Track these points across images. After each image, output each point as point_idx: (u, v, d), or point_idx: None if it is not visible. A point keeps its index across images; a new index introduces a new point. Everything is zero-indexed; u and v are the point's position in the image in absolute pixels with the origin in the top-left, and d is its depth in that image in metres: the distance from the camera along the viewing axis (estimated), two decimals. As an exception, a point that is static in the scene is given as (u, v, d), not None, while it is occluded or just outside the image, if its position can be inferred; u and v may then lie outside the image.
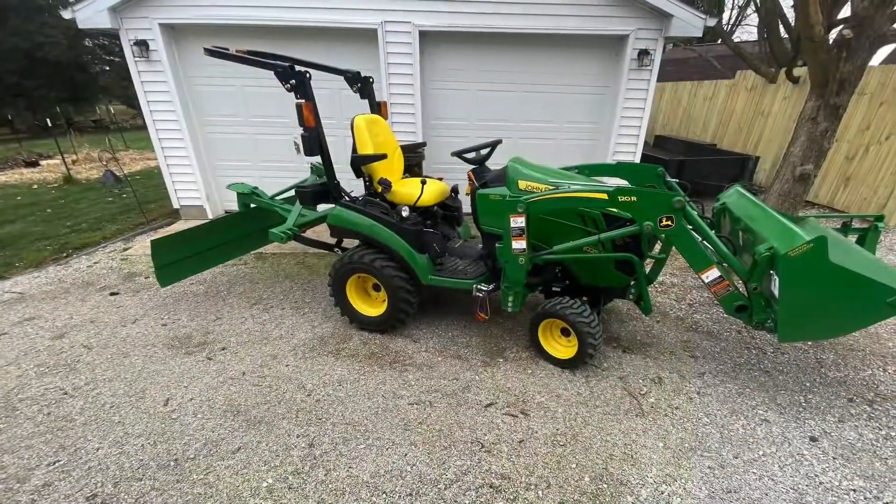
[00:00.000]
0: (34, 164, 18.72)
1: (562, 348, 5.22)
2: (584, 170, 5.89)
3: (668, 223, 4.17)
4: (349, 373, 5.16)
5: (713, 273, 4.27)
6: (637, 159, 9.93)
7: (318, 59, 6.24)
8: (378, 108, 6.45)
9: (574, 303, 4.91)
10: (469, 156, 5.52)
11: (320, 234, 6.88)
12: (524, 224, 4.60)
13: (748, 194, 5.09)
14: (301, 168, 9.18)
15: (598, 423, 4.39)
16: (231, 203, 9.20)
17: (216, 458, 4.01)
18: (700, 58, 19.83)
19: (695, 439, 4.18)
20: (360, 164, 5.57)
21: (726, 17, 22.17)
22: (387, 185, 5.48)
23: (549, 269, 5.38)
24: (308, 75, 5.18)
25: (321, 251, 6.94)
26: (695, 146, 14.22)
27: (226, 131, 10.08)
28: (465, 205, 5.88)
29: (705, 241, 4.31)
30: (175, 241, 6.39)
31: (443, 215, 6.42)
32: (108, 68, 44.70)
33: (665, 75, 17.95)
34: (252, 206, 6.82)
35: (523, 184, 4.90)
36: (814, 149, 8.18)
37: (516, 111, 10.00)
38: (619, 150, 9.88)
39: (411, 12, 8.74)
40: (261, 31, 9.03)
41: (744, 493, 3.64)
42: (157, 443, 4.19)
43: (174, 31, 9.11)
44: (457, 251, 6.06)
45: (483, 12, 8.71)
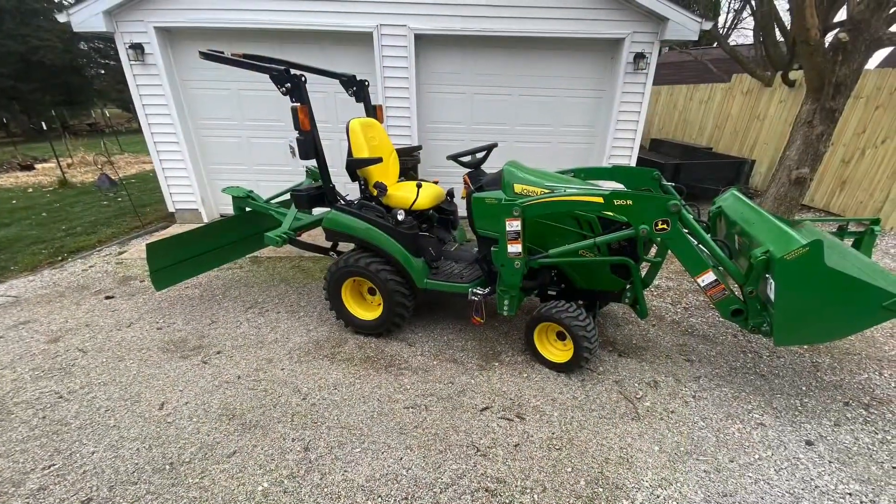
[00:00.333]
0: (29, 167, 18.70)
1: (557, 352, 5.21)
2: (580, 173, 5.88)
3: (664, 227, 4.16)
4: (344, 377, 5.15)
5: (709, 277, 4.26)
6: (633, 163, 9.95)
7: (313, 63, 6.23)
8: (373, 111, 6.44)
9: (570, 306, 4.90)
10: (465, 159, 5.50)
11: (316, 237, 6.86)
12: (520, 228, 4.58)
13: (744, 198, 5.08)
14: (296, 171, 9.27)
15: (594, 426, 4.38)
16: (226, 207, 9.20)
17: (211, 462, 4.00)
18: (696, 61, 19.90)
19: (690, 443, 4.17)
20: (355, 168, 5.55)
21: (722, 20, 22.31)
22: (382, 188, 5.48)
23: (544, 272, 5.36)
24: (303, 79, 5.16)
25: (316, 255, 6.93)
26: (691, 150, 14.26)
27: (221, 135, 10.07)
28: (461, 208, 5.89)
29: (701, 245, 4.31)
30: (170, 244, 6.37)
31: (438, 219, 6.41)
32: (103, 72, 44.71)
33: (661, 79, 17.99)
34: (247, 209, 6.82)
35: (519, 187, 4.88)
36: (810, 152, 8.21)
37: (512, 114, 10.01)
38: (615, 153, 9.89)
39: (407, 16, 8.75)
40: (256, 34, 9.03)
41: (740, 497, 3.63)
42: (152, 447, 4.17)
43: (170, 35, 9.10)
44: (452, 255, 6.04)
45: (478, 16, 8.73)
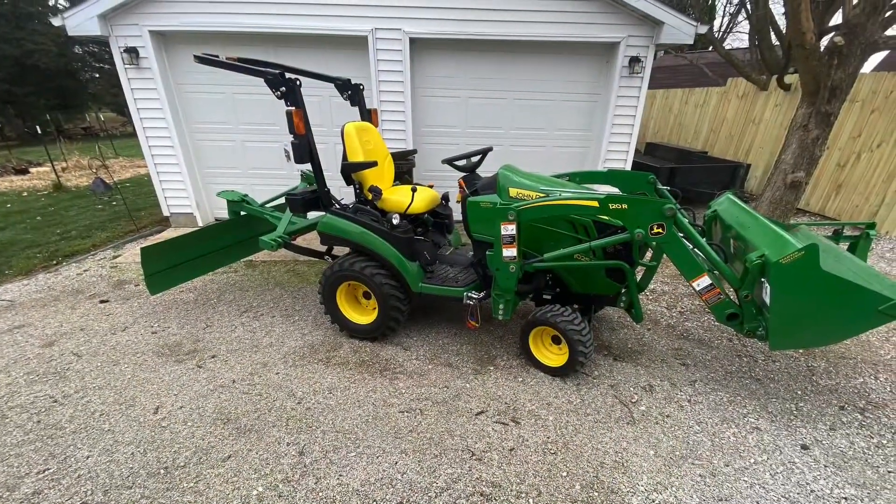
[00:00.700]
0: (24, 171, 18.64)
1: (553, 356, 5.21)
2: (575, 177, 5.87)
3: (660, 231, 4.15)
4: (339, 381, 5.14)
5: (704, 281, 4.26)
6: (628, 167, 9.95)
7: (308, 67, 6.25)
8: (368, 115, 6.44)
9: (565, 311, 4.89)
10: (460, 163, 5.51)
11: (311, 241, 6.87)
12: (515, 231, 4.59)
13: (739, 202, 5.08)
14: (291, 175, 9.23)
15: (589, 431, 4.37)
16: (221, 211, 9.23)
17: (206, 467, 3.99)
18: (691, 65, 19.92)
19: (686, 447, 4.17)
20: (350, 172, 5.55)
21: (717, 24, 22.39)
22: (377, 192, 5.47)
23: (539, 276, 5.36)
24: (298, 82, 5.15)
25: (311, 259, 6.95)
26: (686, 153, 14.26)
27: (216, 139, 10.07)
28: (456, 212, 5.87)
29: (696, 249, 4.31)
30: (165, 248, 6.34)
31: (433, 223, 6.42)
32: (97, 75, 44.64)
33: (656, 82, 18.04)
34: (242, 213, 6.82)
35: (514, 191, 4.86)
36: (805, 156, 8.22)
37: (507, 118, 10.02)
38: (611, 157, 9.90)
39: (402, 19, 8.75)
40: (251, 38, 9.04)
41: (735, 501, 3.63)
42: (147, 451, 4.16)
43: (164, 39, 9.09)
44: (447, 259, 6.04)
45: (473, 19, 8.74)
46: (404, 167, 7.97)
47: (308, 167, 5.61)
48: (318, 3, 8.59)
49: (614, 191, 5.61)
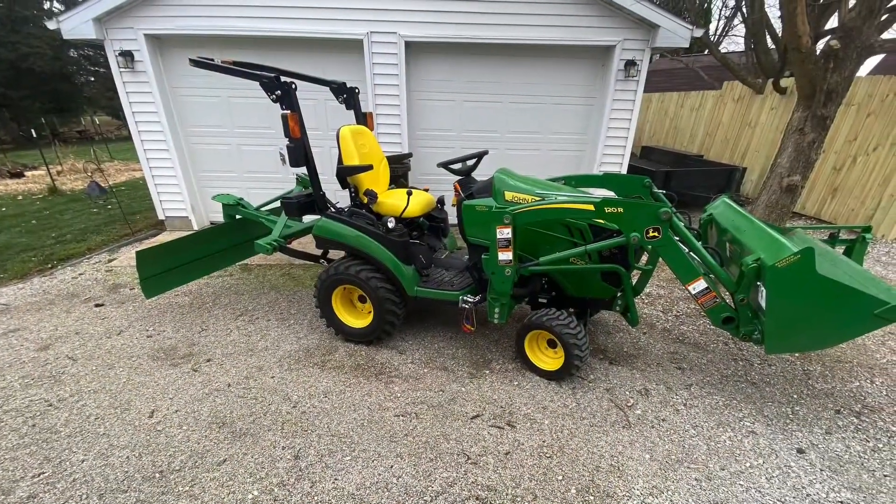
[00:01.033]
0: (19, 174, 18.57)
1: (548, 360, 5.20)
2: (571, 181, 5.88)
3: (655, 234, 4.15)
4: (335, 384, 5.13)
5: (700, 284, 4.25)
6: (624, 170, 9.95)
7: (303, 70, 6.24)
8: (364, 118, 6.44)
9: (560, 314, 4.89)
10: (455, 167, 5.50)
11: (306, 245, 6.86)
12: (510, 235, 4.57)
13: (735, 205, 5.09)
14: (286, 179, 9.25)
15: (585, 434, 4.37)
16: (216, 214, 9.18)
17: (201, 470, 3.98)
18: (687, 68, 19.90)
19: (681, 451, 4.17)
20: (345, 175, 5.56)
21: (713, 27, 22.27)
22: (373, 196, 5.47)
23: (535, 280, 5.36)
24: (293, 86, 5.16)
25: (307, 262, 6.92)
26: (682, 157, 14.26)
27: (211, 142, 10.05)
28: (452, 216, 5.87)
29: (692, 253, 4.30)
30: (160, 252, 6.34)
31: (429, 226, 6.41)
32: (93, 79, 44.53)
33: (652, 86, 17.97)
34: (237, 217, 6.80)
35: (510, 195, 4.87)
36: (801, 160, 8.21)
37: (503, 122, 10.02)
38: (606, 160, 9.90)
39: (397, 23, 8.75)
40: (246, 41, 9.02)
41: (731, 505, 3.63)
42: (142, 455, 4.15)
43: (159, 42, 9.08)
44: (443, 262, 6.04)
45: (469, 23, 8.74)
46: (400, 171, 7.97)
47: (303, 171, 5.60)
48: (313, 7, 8.58)
49: (610, 194, 5.61)
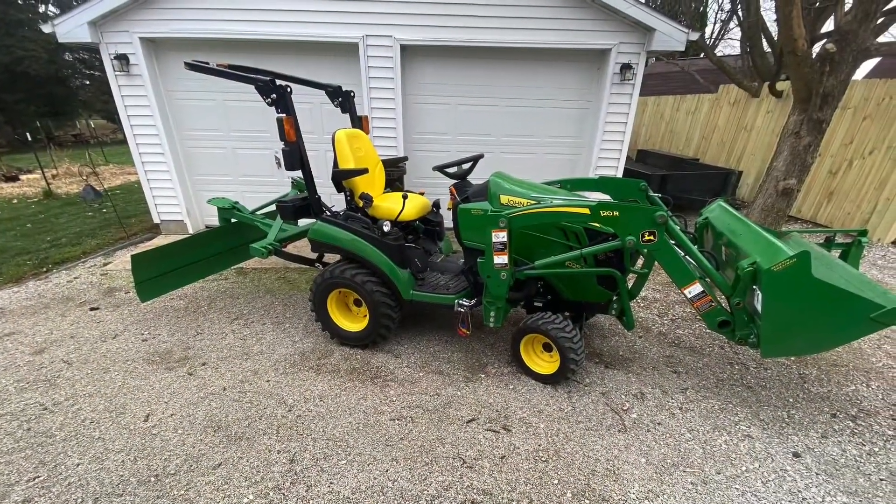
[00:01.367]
0: (14, 178, 18.55)
1: (544, 364, 5.19)
2: (567, 184, 5.87)
3: (651, 238, 4.14)
4: (330, 388, 5.12)
5: (696, 288, 4.25)
6: (619, 174, 9.97)
7: (299, 73, 6.23)
8: (359, 122, 6.43)
9: (556, 318, 4.89)
10: (451, 170, 5.50)
11: (301, 249, 6.85)
12: (506, 239, 4.57)
13: (731, 209, 5.09)
14: (282, 183, 9.24)
15: (580, 438, 4.36)
16: (212, 218, 9.17)
17: (197, 474, 3.97)
18: (683, 72, 19.97)
19: (677, 455, 4.16)
20: (341, 179, 5.54)
21: (709, 31, 22.43)
22: (368, 199, 5.46)
23: (531, 284, 5.34)
24: (289, 89, 5.15)
25: (302, 266, 6.92)
26: (677, 161, 14.30)
27: (206, 146, 10.05)
28: (447, 219, 5.89)
29: (688, 256, 4.30)
30: (155, 255, 6.33)
31: (424, 230, 6.41)
32: (88, 82, 44.67)
33: (648, 89, 18.05)
34: (233, 220, 6.81)
35: (505, 198, 4.87)
36: (797, 163, 8.24)
37: (498, 125, 10.03)
38: (602, 164, 9.91)
39: (392, 26, 8.77)
40: (242, 45, 9.03)
41: (727, 509, 3.63)
42: (137, 458, 4.14)
43: (155, 45, 9.09)
44: (438, 266, 6.03)
45: (465, 26, 8.75)
46: (395, 174, 7.98)
47: (299, 174, 5.61)
48: (308, 10, 8.60)
49: (605, 198, 5.60)
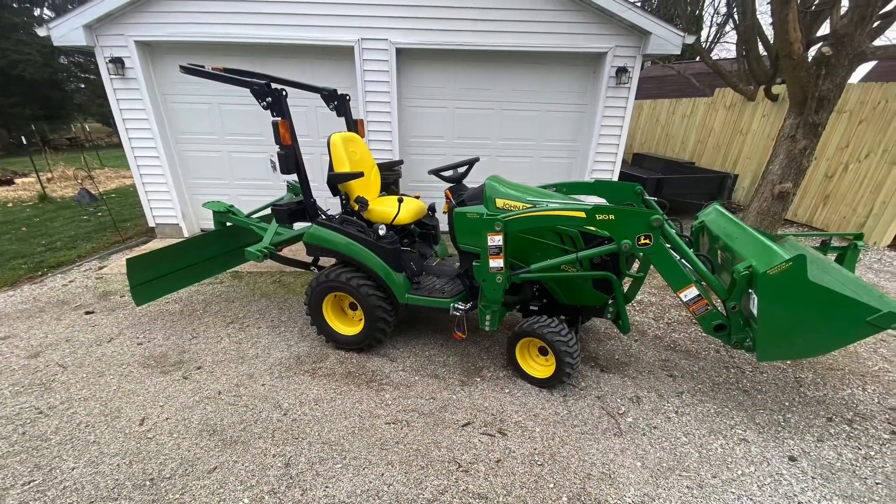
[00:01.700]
0: (9, 182, 18.49)
1: (539, 367, 5.19)
2: (562, 188, 5.87)
3: (647, 241, 4.14)
4: (326, 392, 5.11)
5: (691, 292, 4.25)
6: (615, 177, 9.96)
7: (294, 77, 6.25)
8: (355, 125, 6.43)
9: (552, 322, 4.88)
10: (446, 174, 5.49)
11: (297, 252, 6.85)
12: (502, 242, 4.57)
13: (727, 212, 5.09)
14: (277, 186, 9.22)
15: (576, 442, 4.35)
16: (207, 221, 9.16)
17: (192, 478, 3.96)
18: (678, 76, 19.98)
19: (673, 459, 4.16)
20: (336, 183, 5.54)
21: (705, 34, 22.48)
22: (363, 203, 5.45)
23: (526, 287, 5.35)
24: (284, 93, 5.15)
25: (297, 270, 6.92)
26: (673, 164, 14.33)
27: (202, 149, 10.04)
28: (443, 223, 5.87)
29: (683, 260, 4.31)
30: (151, 259, 6.31)
31: (420, 234, 6.42)
32: (83, 86, 44.66)
33: (643, 93, 18.09)
34: (228, 224, 6.79)
35: (501, 202, 4.86)
36: (793, 167, 8.25)
37: (494, 129, 10.03)
38: (597, 167, 9.90)
39: (388, 30, 8.76)
40: (237, 48, 9.02)
41: (723, 514, 3.62)
42: (132, 462, 4.13)
43: (150, 49, 9.07)
44: (434, 270, 6.02)
45: (460, 30, 8.75)
46: (391, 178, 7.97)
47: (294, 178, 5.60)
48: (304, 14, 8.59)
49: (601, 202, 5.60)
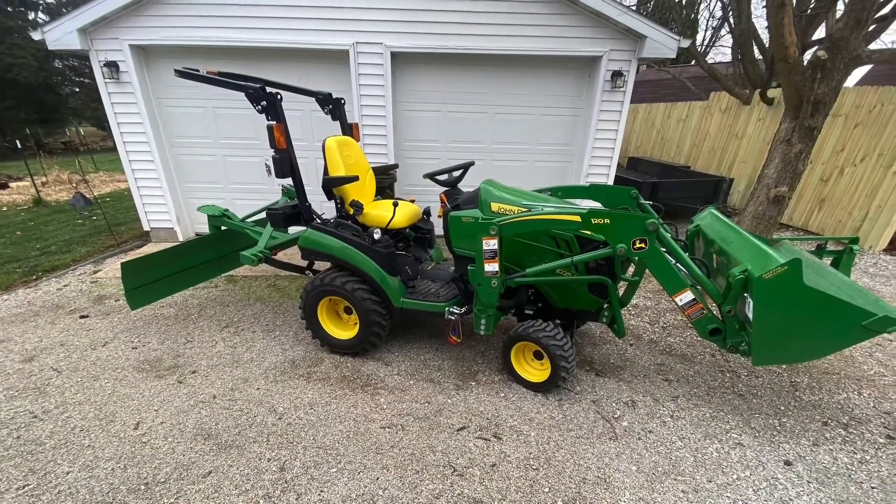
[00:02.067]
0: (3, 186, 18.46)
1: (534, 371, 5.19)
2: (558, 192, 5.87)
3: (642, 245, 4.14)
4: (320, 396, 5.11)
5: (687, 296, 4.25)
6: (610, 181, 9.95)
7: (289, 81, 6.24)
8: (350, 129, 6.43)
9: (547, 326, 4.88)
10: (441, 178, 5.50)
11: (291, 256, 6.84)
12: (497, 246, 4.56)
13: (722, 216, 5.10)
14: (272, 190, 9.22)
15: (571, 446, 4.35)
16: (202, 225, 9.16)
17: (187, 482, 3.96)
18: (674, 79, 19.98)
19: (668, 463, 4.15)
20: (331, 187, 5.53)
21: (700, 38, 22.43)
22: (358, 207, 5.45)
23: (521, 291, 5.36)
24: (279, 97, 5.15)
25: (292, 274, 6.89)
26: (668, 168, 14.32)
27: (197, 153, 10.03)
28: (438, 227, 5.87)
29: (679, 264, 4.30)
30: (145, 263, 6.30)
31: (415, 238, 6.41)
32: (78, 90, 44.68)
33: (638, 97, 18.07)
34: (223, 228, 6.79)
35: (496, 206, 4.86)
36: (788, 171, 8.26)
37: (489, 133, 10.04)
38: (593, 171, 9.91)
39: (383, 34, 8.77)
40: (232, 52, 9.01)
41: (718, 518, 3.62)
42: (127, 466, 4.13)
43: (144, 53, 9.06)
44: (429, 274, 6.02)
45: (455, 33, 8.76)
46: (386, 182, 7.97)
47: (289, 182, 5.61)
48: (299, 18, 8.59)
49: (596, 205, 5.60)
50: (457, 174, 5.62)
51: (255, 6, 8.52)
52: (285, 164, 5.25)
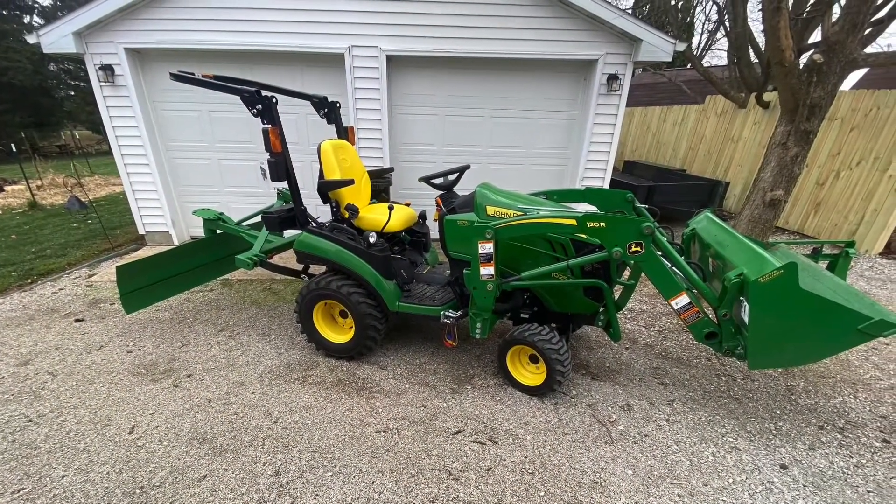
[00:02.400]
0: (-2, 189, 18.49)
1: (530, 375, 5.18)
2: (553, 195, 5.86)
3: (638, 249, 4.14)
4: (316, 400, 5.09)
5: (683, 299, 4.24)
6: (606, 185, 9.97)
7: (284, 84, 6.24)
8: (345, 133, 6.43)
9: (542, 329, 4.87)
10: (437, 181, 5.50)
11: (287, 260, 6.83)
12: (492, 250, 4.55)
13: (718, 220, 5.10)
14: (267, 193, 9.20)
15: (567, 450, 4.34)
16: (197, 229, 9.16)
17: (182, 486, 3.95)
18: (670, 83, 20.04)
19: (664, 467, 4.15)
20: (327, 190, 5.53)
21: (696, 41, 22.46)
22: (354, 210, 5.45)
23: (517, 295, 5.35)
24: (274, 100, 5.14)
25: (288, 277, 6.89)
26: (664, 171, 14.34)
27: (192, 156, 10.02)
28: (433, 231, 5.86)
29: (675, 268, 4.29)
30: (141, 267, 6.29)
31: (410, 241, 6.41)
32: (73, 93, 44.69)
33: (634, 100, 18.14)
34: (218, 231, 6.77)
35: (491, 209, 4.87)
36: (784, 174, 8.26)
37: (485, 136, 10.04)
38: (588, 175, 9.92)
39: (378, 37, 8.77)
40: (227, 55, 9.01)
41: (714, 522, 3.61)
42: (122, 470, 4.12)
43: (140, 56, 9.05)
44: (424, 277, 6.01)
45: (451, 37, 8.77)
46: (381, 185, 7.96)
47: (284, 185, 5.59)
48: (294, 21, 8.59)
49: (592, 209, 5.59)
50: (452, 178, 5.62)
51: (250, 10, 8.52)
52: (280, 167, 5.23)
